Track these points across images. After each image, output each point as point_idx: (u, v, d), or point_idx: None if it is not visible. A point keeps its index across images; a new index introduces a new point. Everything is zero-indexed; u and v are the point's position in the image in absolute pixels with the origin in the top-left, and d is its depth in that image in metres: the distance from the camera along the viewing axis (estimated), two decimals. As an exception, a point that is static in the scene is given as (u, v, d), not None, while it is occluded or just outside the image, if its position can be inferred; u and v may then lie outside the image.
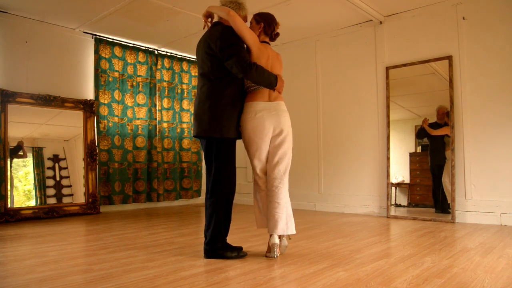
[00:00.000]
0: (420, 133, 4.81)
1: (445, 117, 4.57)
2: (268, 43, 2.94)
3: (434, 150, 4.73)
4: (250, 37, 2.74)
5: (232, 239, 3.46)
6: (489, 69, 4.28)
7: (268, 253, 2.79)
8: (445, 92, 4.50)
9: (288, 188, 2.83)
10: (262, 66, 2.71)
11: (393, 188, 4.97)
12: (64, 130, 5.41)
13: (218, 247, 2.72)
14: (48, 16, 5.00)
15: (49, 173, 5.21)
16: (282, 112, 2.82)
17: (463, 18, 4.44)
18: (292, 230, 2.77)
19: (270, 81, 2.73)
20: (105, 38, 5.67)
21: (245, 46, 2.76)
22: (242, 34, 2.70)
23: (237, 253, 2.76)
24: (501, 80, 4.20)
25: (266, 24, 2.91)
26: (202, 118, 2.72)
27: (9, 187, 4.71)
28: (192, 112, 6.68)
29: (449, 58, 4.49)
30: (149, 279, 2.25)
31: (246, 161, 6.61)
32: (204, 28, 2.93)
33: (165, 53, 6.40)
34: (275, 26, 2.95)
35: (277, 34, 2.98)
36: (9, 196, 4.69)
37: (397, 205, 5.00)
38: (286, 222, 2.74)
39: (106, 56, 5.68)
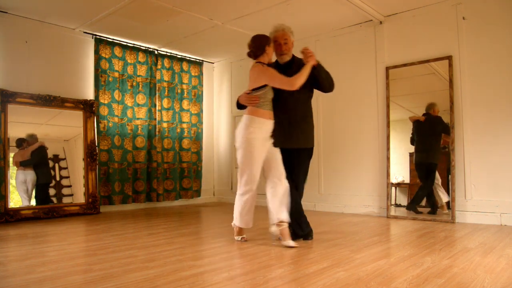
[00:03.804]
0: None
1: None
2: (258, 62, 3.24)
3: None
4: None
5: (232, 239, 3.47)
6: (489, 69, 4.28)
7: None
8: (445, 92, 4.50)
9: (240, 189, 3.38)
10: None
11: (393, 188, 4.97)
12: (64, 130, 5.41)
13: None
14: (48, 16, 5.00)
15: (49, 173, 5.22)
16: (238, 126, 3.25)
17: (463, 18, 4.44)
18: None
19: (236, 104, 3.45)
20: (105, 38, 5.67)
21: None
22: None
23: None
24: (501, 80, 4.20)
25: None
26: None
27: (9, 187, 4.71)
28: (193, 112, 6.75)
29: (449, 58, 4.49)
30: (149, 279, 2.25)
31: None
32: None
33: (165, 53, 6.40)
34: (248, 47, 3.27)
35: (248, 54, 3.28)
36: (9, 197, 4.69)
37: (397, 205, 5.00)
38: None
39: (106, 56, 5.68)
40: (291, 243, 3.08)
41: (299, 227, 3.36)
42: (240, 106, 3.35)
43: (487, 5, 4.30)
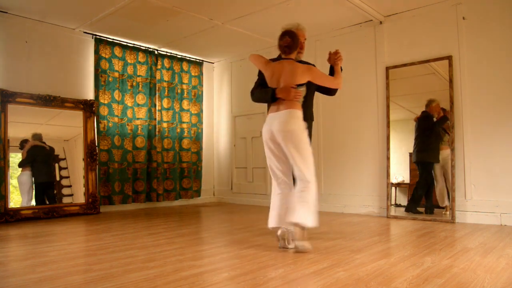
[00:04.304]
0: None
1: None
2: (288, 58, 3.17)
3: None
4: (257, 66, 3.30)
5: (234, 238, 3.47)
6: (489, 69, 4.28)
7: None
8: (445, 92, 4.50)
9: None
10: (259, 89, 3.28)
11: (393, 188, 4.96)
12: (64, 130, 5.41)
13: None
14: (48, 16, 5.00)
15: (49, 173, 5.22)
16: (283, 120, 3.03)
17: (463, 18, 4.44)
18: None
19: (264, 97, 3.21)
20: (105, 38, 5.67)
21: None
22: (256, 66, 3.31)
23: None
24: (501, 80, 4.20)
25: (278, 46, 3.20)
26: None
27: (9, 188, 4.72)
28: (193, 112, 6.76)
29: (449, 58, 4.49)
30: (149, 279, 2.25)
31: (246, 162, 6.61)
32: None
33: (165, 53, 6.40)
34: (282, 42, 3.17)
35: (283, 48, 3.17)
36: (9, 197, 4.70)
37: (397, 205, 5.00)
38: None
39: (106, 56, 5.68)
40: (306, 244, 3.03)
41: None
42: (274, 99, 3.19)
43: (487, 5, 4.30)
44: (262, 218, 4.73)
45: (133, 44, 5.97)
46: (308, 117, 3.40)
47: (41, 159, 5.13)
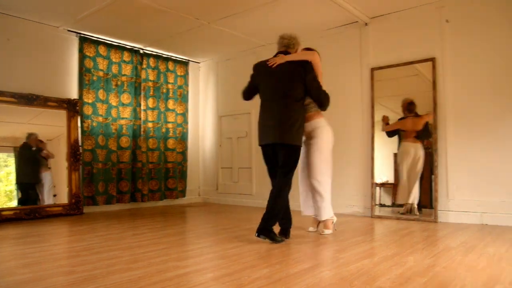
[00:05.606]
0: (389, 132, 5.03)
1: (407, 109, 4.79)
2: None
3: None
4: (319, 66, 3.55)
5: (220, 238, 3.46)
6: (472, 71, 4.36)
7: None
8: (429, 94, 4.57)
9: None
10: None
11: (378, 188, 5.02)
12: (47, 129, 5.32)
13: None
14: (31, 14, 4.92)
15: (31, 173, 5.13)
16: None
17: (447, 21, 4.51)
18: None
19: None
20: (90, 37, 5.60)
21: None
22: (318, 72, 3.52)
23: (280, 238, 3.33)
24: (483, 82, 4.28)
25: (318, 61, 3.58)
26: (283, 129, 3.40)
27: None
28: (178, 112, 6.71)
29: (433, 60, 4.56)
30: (134, 280, 2.23)
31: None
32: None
33: (150, 52, 6.35)
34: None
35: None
36: None
37: (381, 205, 5.05)
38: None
39: (91, 55, 5.61)
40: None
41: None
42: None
43: (470, 8, 4.38)
44: (248, 218, 4.74)
45: (118, 43, 5.91)
46: None
47: (25, 159, 5.06)
